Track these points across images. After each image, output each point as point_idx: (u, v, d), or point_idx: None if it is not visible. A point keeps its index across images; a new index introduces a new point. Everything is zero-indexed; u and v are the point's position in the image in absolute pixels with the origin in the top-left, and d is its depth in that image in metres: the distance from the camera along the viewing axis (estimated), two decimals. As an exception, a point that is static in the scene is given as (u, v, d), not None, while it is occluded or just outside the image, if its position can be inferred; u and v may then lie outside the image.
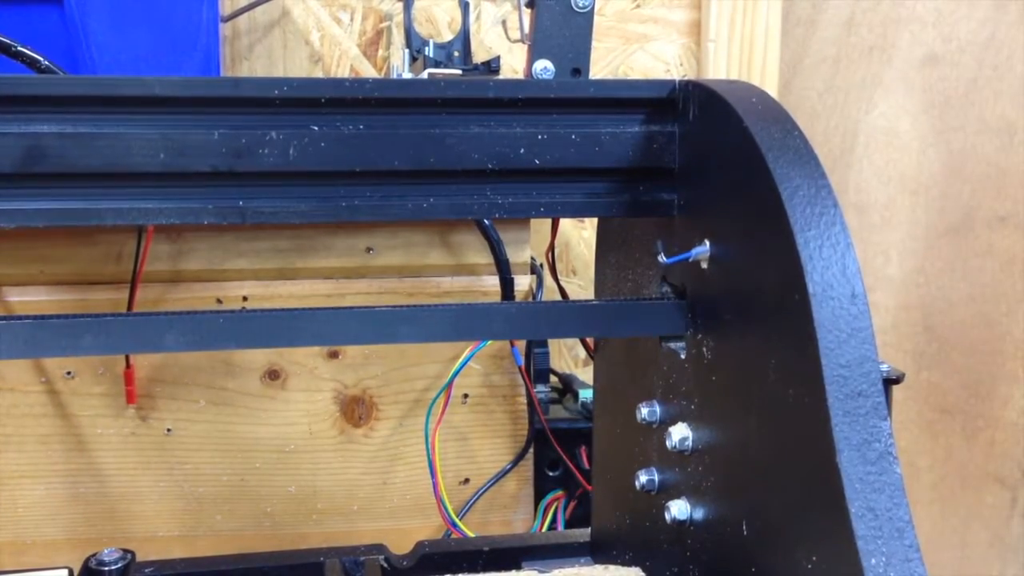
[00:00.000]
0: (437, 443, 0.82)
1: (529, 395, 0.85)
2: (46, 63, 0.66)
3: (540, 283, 0.89)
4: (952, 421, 1.23)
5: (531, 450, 0.87)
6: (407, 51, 0.88)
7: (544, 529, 0.87)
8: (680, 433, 0.54)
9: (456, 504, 0.86)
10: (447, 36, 0.95)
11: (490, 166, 0.53)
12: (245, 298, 0.81)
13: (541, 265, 0.88)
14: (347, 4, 0.96)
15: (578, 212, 0.56)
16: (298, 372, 0.83)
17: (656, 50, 1.03)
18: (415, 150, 0.52)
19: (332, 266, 0.83)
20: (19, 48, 0.65)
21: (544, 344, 0.87)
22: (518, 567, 0.71)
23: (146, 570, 0.69)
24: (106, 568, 0.66)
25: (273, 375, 0.83)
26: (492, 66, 0.80)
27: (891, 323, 1.20)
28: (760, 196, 0.46)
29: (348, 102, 0.51)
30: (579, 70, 0.62)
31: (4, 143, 0.48)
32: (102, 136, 0.49)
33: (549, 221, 0.79)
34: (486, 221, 0.82)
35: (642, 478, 0.59)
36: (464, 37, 0.88)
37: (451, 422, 0.85)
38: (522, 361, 0.84)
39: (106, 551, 0.67)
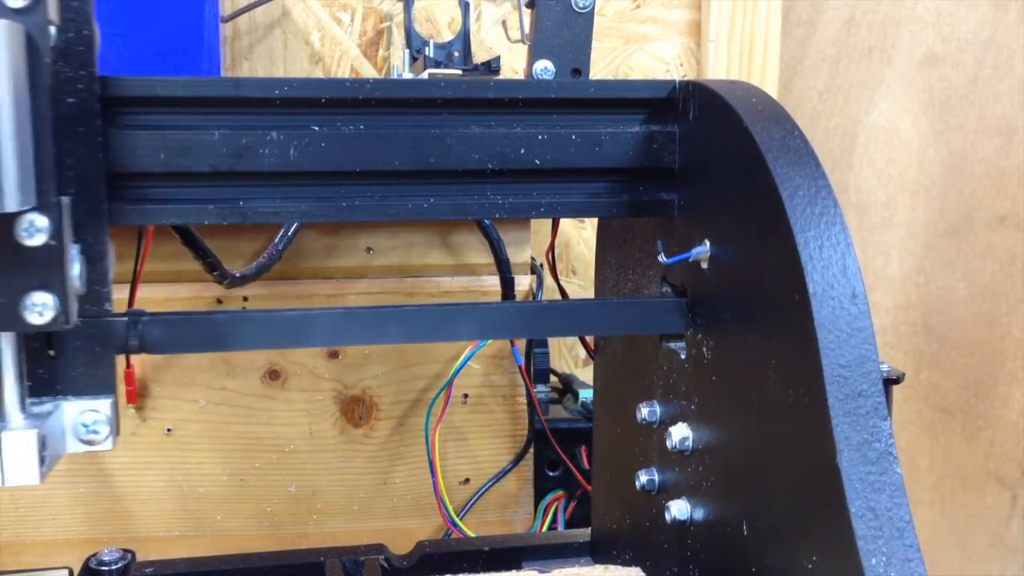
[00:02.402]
0: (437, 443, 0.82)
1: (529, 395, 0.85)
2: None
3: (540, 283, 0.89)
4: (952, 421, 1.23)
5: (531, 450, 0.87)
6: (407, 51, 0.88)
7: (544, 529, 0.87)
8: (680, 433, 0.54)
9: (456, 504, 0.86)
10: (447, 36, 0.95)
11: (490, 166, 0.53)
12: (245, 298, 0.81)
13: (541, 265, 0.88)
14: (347, 4, 0.96)
15: (578, 212, 0.56)
16: (298, 372, 0.83)
17: (656, 50, 1.03)
18: (415, 150, 0.52)
19: (332, 266, 0.83)
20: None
21: (544, 344, 0.87)
22: (518, 567, 0.71)
23: (146, 570, 0.69)
24: (106, 568, 0.66)
25: (273, 375, 0.83)
26: (492, 66, 0.80)
27: (891, 323, 1.20)
28: (760, 196, 0.46)
29: (348, 102, 0.51)
30: (579, 70, 0.62)
31: (4, 143, 0.48)
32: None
33: (549, 221, 0.79)
34: (486, 221, 0.82)
35: (642, 478, 0.59)
36: (464, 37, 0.87)
37: (451, 422, 0.85)
38: (522, 361, 0.84)
39: (106, 551, 0.67)
